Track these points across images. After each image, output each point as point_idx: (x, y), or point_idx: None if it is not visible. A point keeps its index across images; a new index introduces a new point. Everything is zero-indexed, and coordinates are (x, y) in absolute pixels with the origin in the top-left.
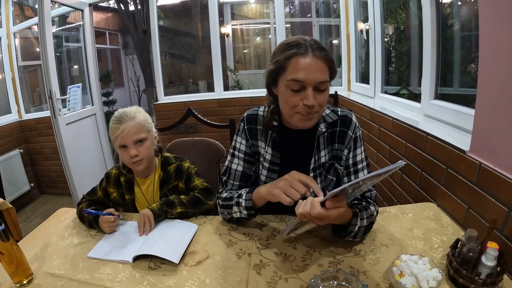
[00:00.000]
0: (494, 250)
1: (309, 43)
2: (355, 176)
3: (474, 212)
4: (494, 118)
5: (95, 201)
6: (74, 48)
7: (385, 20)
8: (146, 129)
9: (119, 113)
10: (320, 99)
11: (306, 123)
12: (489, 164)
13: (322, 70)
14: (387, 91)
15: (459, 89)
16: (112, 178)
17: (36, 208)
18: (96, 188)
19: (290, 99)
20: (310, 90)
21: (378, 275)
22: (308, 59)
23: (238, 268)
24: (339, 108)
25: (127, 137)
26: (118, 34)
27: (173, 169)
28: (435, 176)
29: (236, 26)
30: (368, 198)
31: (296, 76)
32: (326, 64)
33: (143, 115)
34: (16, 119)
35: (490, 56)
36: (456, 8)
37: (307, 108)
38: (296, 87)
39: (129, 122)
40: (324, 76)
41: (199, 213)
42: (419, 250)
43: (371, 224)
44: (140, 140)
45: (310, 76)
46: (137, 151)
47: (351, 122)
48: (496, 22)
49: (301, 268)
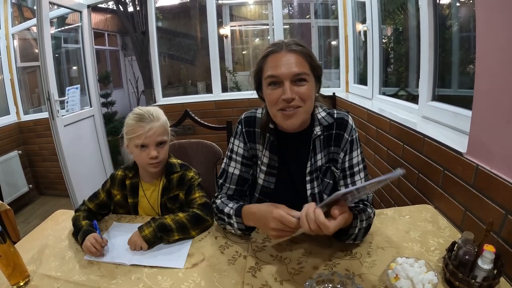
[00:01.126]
0: (490, 253)
1: (285, 42)
2: (351, 179)
3: (471, 215)
4: (491, 120)
5: (97, 206)
6: (73, 49)
7: (383, 21)
8: (168, 132)
9: (142, 111)
10: (300, 92)
11: (288, 120)
12: (486, 166)
13: (298, 63)
14: (385, 92)
15: (458, 90)
16: (117, 179)
17: (34, 209)
18: (98, 192)
19: (270, 97)
20: (287, 83)
21: (374, 278)
22: (282, 55)
23: (233, 270)
24: (335, 110)
25: (152, 138)
26: (117, 35)
27: (176, 179)
28: (433, 178)
29: (235, 27)
30: (364, 201)
31: (272, 71)
32: (303, 58)
33: (165, 118)
34: (15, 120)
35: (487, 58)
36: (454, 9)
37: (286, 103)
38: (273, 83)
39: (155, 122)
40: (300, 69)
41: (198, 232)
42: (415, 252)
43: (369, 226)
44: (162, 142)
45: (285, 70)
46: (158, 153)
47: (347, 124)
48: (493, 24)
49: (297, 271)
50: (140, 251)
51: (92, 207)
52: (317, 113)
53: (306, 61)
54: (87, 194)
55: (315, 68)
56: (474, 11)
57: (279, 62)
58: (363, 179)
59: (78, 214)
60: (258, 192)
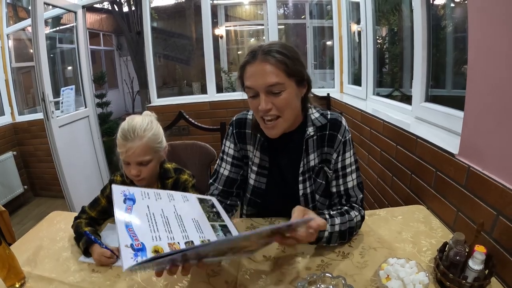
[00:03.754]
0: (481, 254)
1: (261, 49)
2: (343, 179)
3: (463, 215)
4: (482, 121)
5: (99, 212)
6: (68, 49)
7: (377, 22)
8: (153, 150)
9: (127, 127)
10: (277, 102)
11: (269, 131)
12: (477, 167)
13: (272, 73)
14: (379, 93)
15: (452, 90)
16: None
17: (29, 210)
18: (98, 198)
19: (251, 106)
20: (262, 95)
21: (366, 278)
22: (256, 66)
23: (226, 271)
24: (328, 111)
25: (131, 158)
26: (112, 36)
27: (171, 184)
28: (425, 179)
29: (230, 28)
30: (353, 203)
31: (248, 82)
32: (276, 67)
33: (153, 134)
34: (10, 121)
35: (479, 60)
36: (449, 10)
37: (263, 113)
38: (251, 93)
39: (136, 142)
40: (273, 79)
41: None
42: (407, 253)
43: (352, 229)
44: (142, 163)
45: (258, 81)
46: (139, 171)
47: (341, 125)
48: (485, 26)
49: (289, 271)
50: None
51: (94, 215)
52: (310, 113)
53: (281, 70)
54: (82, 195)
55: (294, 74)
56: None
57: (254, 74)
58: (355, 180)
59: (79, 221)
60: (249, 192)
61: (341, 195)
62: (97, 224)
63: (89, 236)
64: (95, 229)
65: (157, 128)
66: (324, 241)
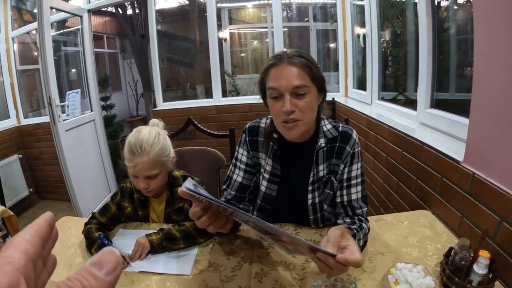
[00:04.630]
0: (485, 259)
1: (286, 54)
2: (347, 190)
3: (468, 221)
4: (488, 129)
5: (108, 219)
6: (72, 52)
7: (382, 27)
8: (161, 163)
9: (134, 141)
10: (301, 105)
11: (289, 132)
12: (482, 174)
13: (298, 75)
14: (383, 96)
15: (455, 94)
16: (127, 192)
17: (35, 213)
18: (108, 204)
19: (272, 108)
20: (287, 96)
21: (375, 283)
22: (282, 68)
23: (239, 276)
24: (340, 124)
25: (139, 172)
26: (116, 38)
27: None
28: (430, 184)
29: (234, 30)
30: (359, 216)
31: (272, 84)
32: (303, 70)
33: (160, 148)
34: (15, 124)
35: (484, 68)
36: (452, 12)
37: (286, 115)
38: (275, 94)
39: (143, 157)
40: (299, 81)
41: (206, 239)
42: (414, 257)
43: (365, 243)
44: (150, 176)
45: (284, 82)
46: (147, 184)
47: (351, 138)
48: (491, 35)
49: (301, 276)
50: (146, 259)
51: (104, 221)
52: (322, 125)
53: (306, 73)
54: (88, 198)
55: (316, 79)
56: (472, 13)
57: (280, 75)
58: (360, 193)
59: (90, 226)
60: (260, 199)
61: (345, 206)
62: (107, 230)
63: (103, 240)
64: (106, 234)
65: (164, 141)
66: None
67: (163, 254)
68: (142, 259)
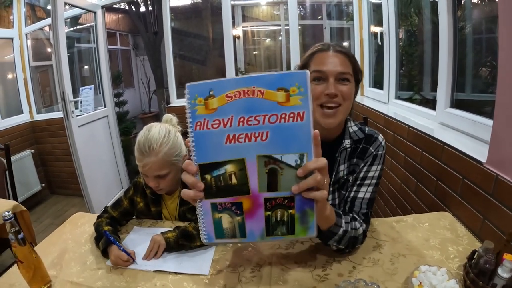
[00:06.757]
0: (510, 263)
1: (331, 44)
2: (357, 187)
3: (490, 223)
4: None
5: (120, 213)
6: (85, 48)
7: (399, 25)
8: (170, 163)
9: (143, 140)
10: (343, 91)
11: (327, 119)
12: (506, 176)
13: (344, 63)
14: (400, 96)
15: (471, 94)
16: (139, 187)
17: (46, 208)
18: (121, 199)
19: (313, 91)
20: (332, 80)
21: (397, 285)
22: (329, 54)
23: (259, 277)
24: (367, 127)
25: (148, 172)
26: (128, 35)
27: None
28: (451, 185)
29: (247, 28)
30: (355, 214)
31: (319, 67)
32: (348, 60)
33: (170, 148)
34: (28, 120)
35: (509, 68)
36: (467, 11)
37: (329, 98)
38: (319, 76)
39: (152, 157)
40: (345, 68)
41: None
42: (436, 260)
43: (355, 240)
44: (160, 176)
45: (331, 67)
46: (157, 183)
47: (376, 140)
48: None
49: (322, 278)
50: (162, 258)
51: (115, 215)
52: (349, 126)
53: (350, 63)
54: (100, 194)
55: (356, 72)
56: (488, 12)
57: (326, 60)
58: (369, 194)
59: (101, 220)
60: None
61: (347, 202)
62: (118, 224)
63: (108, 237)
64: (115, 229)
65: (174, 139)
66: (336, 239)
67: (179, 253)
68: (158, 257)
